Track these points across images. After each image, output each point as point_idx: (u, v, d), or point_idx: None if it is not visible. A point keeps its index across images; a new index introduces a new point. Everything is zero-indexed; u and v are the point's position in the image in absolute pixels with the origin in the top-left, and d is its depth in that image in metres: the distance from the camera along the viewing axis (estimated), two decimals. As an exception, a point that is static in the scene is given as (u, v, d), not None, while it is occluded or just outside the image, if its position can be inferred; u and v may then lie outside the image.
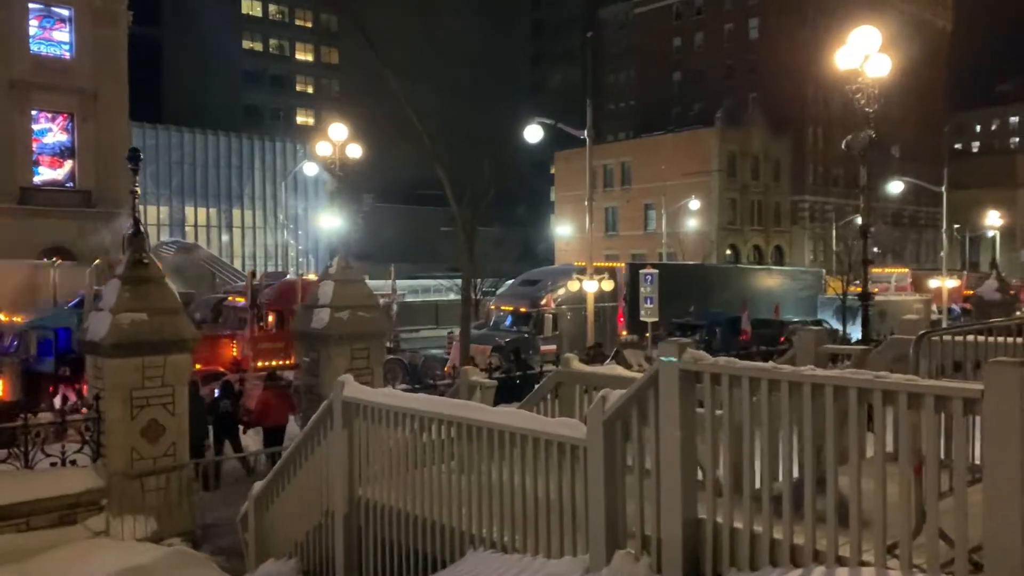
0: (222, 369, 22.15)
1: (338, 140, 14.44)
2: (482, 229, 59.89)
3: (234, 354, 23.09)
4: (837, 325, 36.62)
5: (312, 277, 28.99)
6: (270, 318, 23.70)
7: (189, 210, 66.79)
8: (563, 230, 73.23)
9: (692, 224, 65.32)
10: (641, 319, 28.17)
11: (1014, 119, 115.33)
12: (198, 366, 22.98)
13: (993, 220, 37.60)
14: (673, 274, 37.19)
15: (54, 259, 28.33)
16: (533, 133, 27.59)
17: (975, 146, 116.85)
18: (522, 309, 27.43)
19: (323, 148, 15.18)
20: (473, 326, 31.29)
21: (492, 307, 28.89)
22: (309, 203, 73.36)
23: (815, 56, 74.53)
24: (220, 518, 10.98)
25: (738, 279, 39.46)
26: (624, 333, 34.86)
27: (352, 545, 7.38)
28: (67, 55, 38.70)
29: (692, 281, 36.95)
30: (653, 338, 34.11)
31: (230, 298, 25.24)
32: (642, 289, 27.88)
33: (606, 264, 30.20)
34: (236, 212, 69.33)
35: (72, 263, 29.35)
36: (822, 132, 75.85)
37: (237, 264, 67.96)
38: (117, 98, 39.53)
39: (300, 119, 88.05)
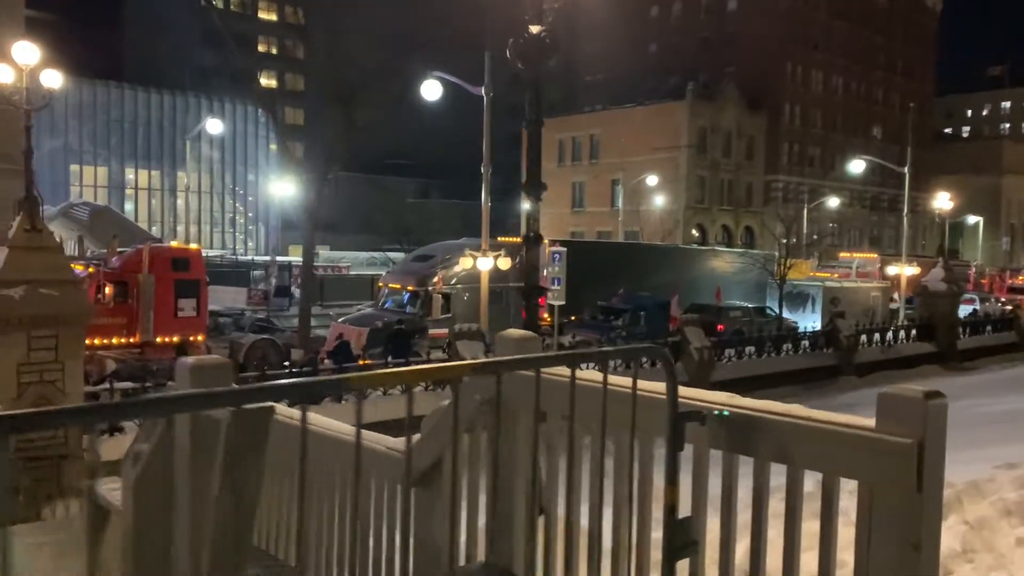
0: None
1: (26, 64, 11.51)
2: (420, 201, 57.37)
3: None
4: (787, 312, 34.15)
5: (175, 244, 26.10)
6: (107, 290, 20.92)
7: (130, 172, 63.47)
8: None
9: (659, 202, 62.27)
10: (548, 302, 25.32)
11: (1006, 104, 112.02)
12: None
13: (943, 203, 34.66)
14: (602, 253, 34.31)
15: None
16: (430, 90, 25.01)
17: (965, 131, 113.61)
18: (409, 287, 24.49)
19: (3, 74, 12.14)
20: (368, 304, 28.55)
21: (380, 284, 26.00)
22: (260, 169, 70.12)
23: (795, 31, 71.41)
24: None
25: (679, 260, 36.61)
26: (547, 318, 32.13)
27: None
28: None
29: (625, 261, 34.13)
30: (572, 324, 31.44)
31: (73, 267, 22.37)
32: (548, 269, 24.97)
33: (508, 239, 27.22)
34: (181, 175, 66.08)
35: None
36: (799, 110, 72.71)
37: (180, 230, 64.92)
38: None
39: (262, 81, 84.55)
